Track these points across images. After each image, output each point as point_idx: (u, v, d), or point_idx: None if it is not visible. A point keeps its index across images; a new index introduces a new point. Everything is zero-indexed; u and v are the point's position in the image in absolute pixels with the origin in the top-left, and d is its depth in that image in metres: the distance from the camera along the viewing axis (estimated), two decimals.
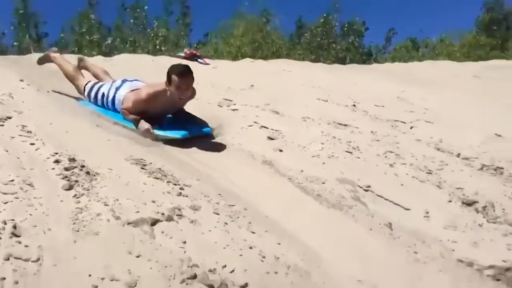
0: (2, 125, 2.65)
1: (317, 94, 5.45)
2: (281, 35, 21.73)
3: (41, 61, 4.35)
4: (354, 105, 5.11)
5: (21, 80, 3.68)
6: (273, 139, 3.70)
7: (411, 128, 4.42)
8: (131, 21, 20.69)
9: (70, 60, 4.38)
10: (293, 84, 6.05)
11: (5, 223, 1.70)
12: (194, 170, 2.85)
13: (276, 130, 3.89)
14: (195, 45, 20.63)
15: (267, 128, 3.93)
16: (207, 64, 7.34)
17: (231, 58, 15.56)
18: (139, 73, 4.03)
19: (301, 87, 5.89)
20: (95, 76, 4.02)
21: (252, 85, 5.50)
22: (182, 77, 3.23)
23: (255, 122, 4.01)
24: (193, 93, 3.47)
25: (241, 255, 1.91)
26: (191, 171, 2.79)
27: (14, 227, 1.69)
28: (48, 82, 4.10)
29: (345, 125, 4.31)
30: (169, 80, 3.25)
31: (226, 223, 2.17)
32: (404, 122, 4.59)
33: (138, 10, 20.70)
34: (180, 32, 21.20)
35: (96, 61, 5.70)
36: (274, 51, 19.30)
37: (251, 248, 1.99)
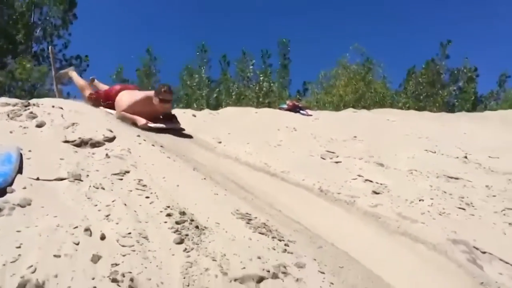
0: (121, 179, 2.87)
1: (424, 145, 5.29)
2: (385, 84, 21.73)
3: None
4: (465, 157, 4.88)
5: (138, 136, 4.01)
6: (378, 193, 3.60)
7: None
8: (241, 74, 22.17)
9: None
10: (398, 134, 5.93)
11: (124, 276, 1.81)
12: (299, 226, 2.84)
13: (381, 184, 3.79)
14: (297, 96, 21.35)
15: (371, 181, 3.84)
16: (310, 115, 7.44)
17: (332, 108, 15.84)
18: (244, 125, 4.17)
19: (406, 137, 5.77)
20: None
21: (355, 136, 5.46)
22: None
23: (359, 175, 3.95)
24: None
25: None
26: (295, 227, 2.79)
27: (132, 280, 1.79)
28: (162, 138, 4.45)
29: (456, 178, 4.11)
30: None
31: (332, 283, 2.14)
32: None
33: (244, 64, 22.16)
34: (281, 84, 22.20)
35: (204, 115, 6.10)
36: (378, 100, 19.28)
37: None
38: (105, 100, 5.13)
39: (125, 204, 2.48)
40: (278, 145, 4.91)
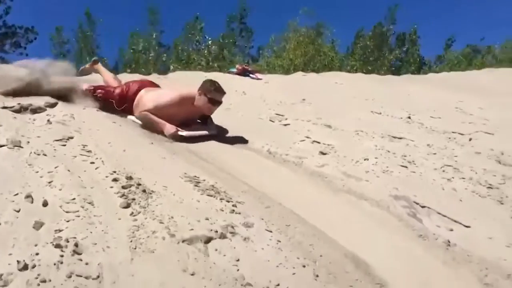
0: (64, 145, 2.78)
1: (370, 107, 5.43)
2: (334, 47, 21.99)
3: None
4: (409, 117, 5.05)
5: None
6: (325, 153, 3.69)
7: (470, 140, 4.34)
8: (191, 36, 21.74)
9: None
10: (346, 97, 6.06)
11: (68, 241, 1.79)
12: (247, 187, 2.88)
13: (328, 145, 3.88)
14: (246, 61, 21.24)
15: (319, 142, 3.93)
16: (259, 79, 7.43)
17: (283, 71, 15.91)
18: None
19: (353, 99, 5.89)
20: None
21: (304, 99, 5.53)
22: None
23: (307, 137, 4.02)
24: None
25: (294, 273, 1.92)
26: (243, 188, 2.82)
27: (76, 245, 1.77)
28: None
29: (400, 138, 4.26)
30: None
31: (279, 241, 2.18)
32: (462, 134, 4.51)
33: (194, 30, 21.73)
34: (233, 48, 21.98)
35: (151, 79, 5.93)
36: (327, 64, 19.52)
37: (304, 266, 2.00)
38: (121, 104, 3.89)
39: (69, 170, 2.42)
40: (227, 109, 4.89)
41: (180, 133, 3.60)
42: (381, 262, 2.18)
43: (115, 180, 2.41)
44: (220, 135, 3.88)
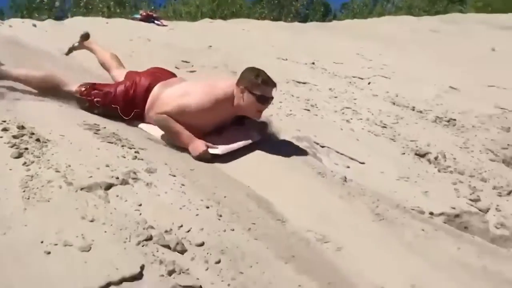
0: None
1: (277, 53, 5.50)
2: None
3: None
4: (313, 63, 5.20)
5: None
6: None
7: (369, 84, 4.58)
8: None
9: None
10: (253, 43, 6.07)
11: None
12: (149, 134, 2.82)
13: None
14: (152, 7, 20.27)
15: None
16: (164, 25, 7.20)
17: (190, 19, 15.44)
18: (93, 37, 3.83)
19: (260, 46, 5.93)
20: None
21: (211, 46, 5.46)
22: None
23: None
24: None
25: (197, 214, 1.93)
26: (146, 134, 2.76)
27: None
28: None
29: (304, 83, 4.38)
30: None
31: (183, 184, 2.17)
32: (362, 78, 4.74)
33: None
34: None
35: (46, 25, 5.48)
36: (235, 11, 19.24)
37: (207, 207, 2.01)
38: (128, 110, 2.86)
39: None
40: (130, 56, 4.71)
41: (212, 151, 2.57)
42: (282, 200, 2.26)
43: (4, 130, 2.24)
44: (263, 140, 2.89)
